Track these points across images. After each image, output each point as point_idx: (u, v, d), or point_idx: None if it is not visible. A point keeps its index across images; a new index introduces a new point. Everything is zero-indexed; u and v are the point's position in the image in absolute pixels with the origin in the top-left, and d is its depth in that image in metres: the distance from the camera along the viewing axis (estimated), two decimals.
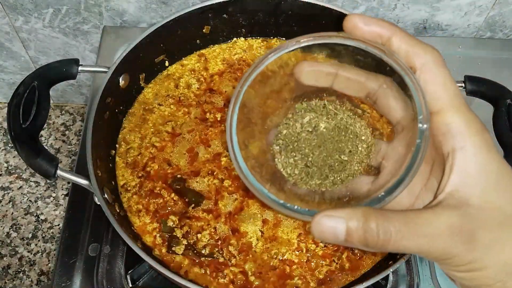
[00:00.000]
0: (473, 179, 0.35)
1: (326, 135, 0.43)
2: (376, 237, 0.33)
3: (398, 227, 0.33)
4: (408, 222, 0.33)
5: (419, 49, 0.36)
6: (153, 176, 0.69)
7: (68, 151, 1.14)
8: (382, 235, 0.33)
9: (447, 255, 0.34)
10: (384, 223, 0.33)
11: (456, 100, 0.35)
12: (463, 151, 0.35)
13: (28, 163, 0.59)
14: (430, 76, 0.36)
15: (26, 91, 0.60)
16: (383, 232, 0.33)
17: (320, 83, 0.41)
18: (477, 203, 0.34)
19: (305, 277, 0.63)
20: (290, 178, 0.43)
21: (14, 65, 1.09)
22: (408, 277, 0.70)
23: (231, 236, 0.65)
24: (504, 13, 0.91)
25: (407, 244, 0.33)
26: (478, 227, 0.34)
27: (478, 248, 0.34)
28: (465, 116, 0.35)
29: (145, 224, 0.65)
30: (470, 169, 0.35)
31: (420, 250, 0.34)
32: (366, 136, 0.43)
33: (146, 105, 0.75)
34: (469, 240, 0.34)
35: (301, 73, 0.40)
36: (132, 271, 0.69)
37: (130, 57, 0.69)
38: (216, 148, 0.71)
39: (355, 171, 0.42)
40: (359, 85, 0.40)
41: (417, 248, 0.34)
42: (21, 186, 1.09)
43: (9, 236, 1.03)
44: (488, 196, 0.34)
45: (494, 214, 0.34)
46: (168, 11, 0.91)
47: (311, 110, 0.44)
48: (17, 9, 0.92)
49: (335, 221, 0.33)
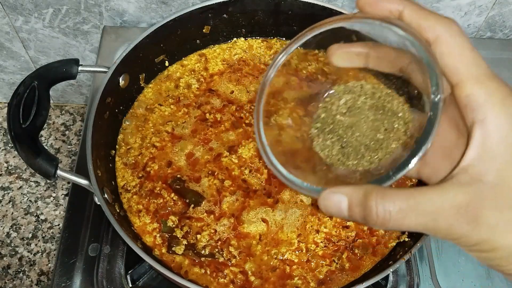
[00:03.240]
0: (491, 154, 0.33)
1: (361, 115, 0.43)
2: (375, 216, 0.33)
3: (398, 206, 0.33)
4: (410, 201, 0.33)
5: (431, 21, 0.34)
6: (153, 176, 0.69)
7: (68, 151, 1.14)
8: (381, 214, 0.33)
9: (453, 235, 0.33)
10: (383, 202, 0.33)
11: (475, 70, 0.33)
12: (483, 124, 0.33)
13: (28, 163, 0.59)
14: (445, 48, 0.34)
15: (26, 91, 0.60)
16: (381, 211, 0.33)
17: (353, 63, 0.41)
18: (492, 180, 0.33)
19: (305, 277, 0.63)
20: (328, 159, 0.43)
21: (14, 65, 1.09)
22: (408, 277, 0.70)
23: (231, 236, 0.65)
24: (504, 13, 0.91)
25: (409, 223, 0.33)
26: (486, 207, 0.32)
27: (483, 229, 0.32)
28: (485, 86, 0.33)
29: (145, 224, 0.65)
30: (489, 143, 0.33)
31: (425, 229, 0.33)
32: (403, 112, 0.42)
33: (147, 105, 0.75)
34: (474, 220, 0.32)
35: (332, 55, 0.40)
36: (132, 271, 0.69)
37: (130, 57, 0.69)
38: (216, 149, 0.71)
39: (392, 149, 0.41)
40: (391, 62, 0.40)
41: (421, 226, 0.33)
42: (21, 186, 1.09)
43: (9, 236, 1.03)
44: (505, 172, 0.32)
45: (508, 192, 0.32)
46: (168, 11, 0.91)
47: (349, 91, 0.44)
48: (17, 9, 0.92)
49: (339, 197, 0.35)
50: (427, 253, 0.74)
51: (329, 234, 0.65)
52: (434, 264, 0.73)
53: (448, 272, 0.73)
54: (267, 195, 0.67)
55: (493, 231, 0.33)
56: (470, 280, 0.73)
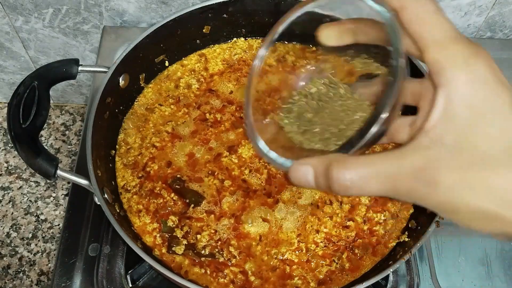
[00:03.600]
0: (451, 116, 0.33)
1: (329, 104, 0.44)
2: (337, 185, 0.34)
3: (359, 174, 0.34)
4: (370, 167, 0.34)
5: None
6: (153, 176, 0.69)
7: (68, 151, 1.14)
8: (342, 182, 0.34)
9: (413, 198, 0.34)
10: (344, 170, 0.34)
11: (438, 34, 0.34)
12: (445, 87, 0.33)
13: (28, 163, 0.59)
14: (411, 15, 0.34)
15: (26, 91, 0.60)
16: (342, 179, 0.34)
17: (342, 40, 0.41)
18: (450, 142, 0.32)
19: (305, 277, 0.63)
20: (297, 142, 0.45)
21: (14, 65, 1.09)
22: (408, 277, 0.70)
23: (231, 236, 0.65)
24: (504, 13, 0.91)
25: (370, 189, 0.34)
26: (443, 169, 0.32)
27: (441, 191, 0.32)
28: (448, 49, 0.33)
29: (145, 224, 0.65)
30: (450, 105, 0.33)
31: (386, 193, 0.34)
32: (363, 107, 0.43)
33: (147, 105, 0.75)
34: (431, 183, 0.32)
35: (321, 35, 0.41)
36: (132, 271, 0.69)
37: (130, 57, 0.69)
38: (216, 149, 0.71)
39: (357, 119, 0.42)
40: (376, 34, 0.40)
41: (382, 192, 0.34)
42: (21, 186, 1.09)
43: (9, 236, 1.03)
44: (464, 134, 0.32)
45: (466, 154, 0.32)
46: (168, 11, 0.91)
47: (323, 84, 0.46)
48: (17, 9, 0.92)
49: (306, 168, 0.36)
50: (427, 253, 0.74)
51: (329, 234, 0.65)
52: (434, 264, 0.73)
53: (448, 272, 0.73)
54: (267, 195, 0.67)
55: (451, 192, 0.32)
56: (470, 280, 0.73)
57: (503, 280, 0.73)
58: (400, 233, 0.67)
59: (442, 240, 0.76)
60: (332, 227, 0.66)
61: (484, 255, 0.75)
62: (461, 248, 0.76)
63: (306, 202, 0.67)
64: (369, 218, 0.67)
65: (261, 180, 0.68)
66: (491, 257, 0.75)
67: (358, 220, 0.66)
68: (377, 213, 0.67)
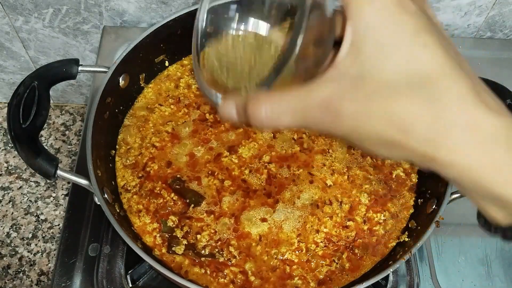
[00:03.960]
0: (358, 48, 0.33)
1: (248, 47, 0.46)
2: (253, 119, 0.36)
3: (272, 108, 0.35)
4: (282, 102, 0.35)
5: None
6: (153, 176, 0.69)
7: (68, 151, 1.14)
8: (257, 116, 0.36)
9: (323, 130, 0.35)
10: (259, 105, 0.36)
11: None
12: (352, 20, 0.33)
13: (28, 163, 0.59)
14: None
15: (26, 91, 0.60)
16: (257, 114, 0.36)
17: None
18: (355, 73, 0.33)
19: (305, 277, 0.63)
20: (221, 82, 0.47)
21: (14, 65, 1.09)
22: (408, 277, 0.70)
23: (231, 236, 0.65)
24: (504, 13, 0.91)
25: (283, 122, 0.36)
26: (346, 99, 0.33)
27: (345, 121, 0.33)
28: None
29: (145, 224, 0.65)
30: (357, 37, 0.33)
31: (299, 126, 0.36)
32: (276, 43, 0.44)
33: (147, 105, 0.75)
34: (336, 114, 0.34)
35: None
36: (132, 271, 0.69)
37: (130, 57, 0.69)
38: (216, 149, 0.71)
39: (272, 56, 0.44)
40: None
41: (295, 124, 0.36)
42: (21, 186, 1.09)
43: (9, 236, 1.03)
44: (369, 64, 0.33)
45: (369, 84, 0.33)
46: (168, 11, 0.91)
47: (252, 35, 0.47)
48: (17, 9, 0.92)
49: (230, 104, 0.39)
50: (427, 253, 0.74)
51: (329, 234, 0.65)
52: (434, 264, 0.73)
53: (448, 272, 0.73)
54: (267, 195, 0.67)
55: (354, 122, 0.33)
56: (470, 280, 0.73)
57: (503, 280, 0.73)
58: (400, 233, 0.67)
59: (442, 240, 0.76)
60: (332, 227, 0.66)
61: (484, 255, 0.75)
62: (461, 248, 0.76)
63: (306, 202, 0.67)
64: (369, 218, 0.67)
65: (261, 180, 0.68)
66: (491, 257, 0.75)
67: (358, 220, 0.66)
68: (377, 213, 0.67)
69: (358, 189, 0.69)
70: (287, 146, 0.71)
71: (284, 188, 0.68)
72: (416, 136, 0.32)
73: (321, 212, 0.66)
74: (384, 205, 0.68)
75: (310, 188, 0.68)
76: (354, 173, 0.70)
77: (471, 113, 0.32)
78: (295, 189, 0.68)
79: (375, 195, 0.68)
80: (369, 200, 0.68)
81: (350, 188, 0.69)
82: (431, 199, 0.65)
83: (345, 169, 0.70)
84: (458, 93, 0.32)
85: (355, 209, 0.67)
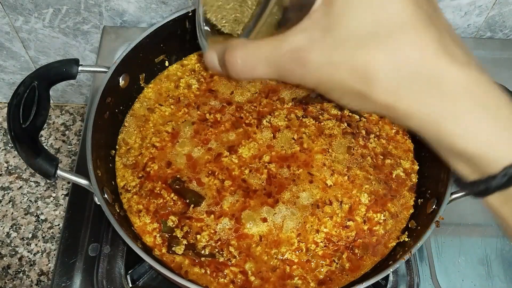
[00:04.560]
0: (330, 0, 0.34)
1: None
2: (230, 67, 0.37)
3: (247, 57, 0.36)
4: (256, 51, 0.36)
5: None
6: (153, 176, 0.69)
7: (68, 151, 1.14)
8: (233, 64, 0.37)
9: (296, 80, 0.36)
10: (234, 54, 0.37)
11: None
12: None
13: (28, 163, 0.59)
14: None
15: (26, 91, 0.60)
16: (233, 62, 0.37)
17: None
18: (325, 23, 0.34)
19: (305, 277, 0.63)
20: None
21: (14, 65, 1.09)
22: (408, 277, 0.70)
23: (231, 236, 0.65)
24: (504, 13, 0.91)
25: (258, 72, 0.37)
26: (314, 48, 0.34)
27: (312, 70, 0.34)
28: None
29: (145, 224, 0.65)
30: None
31: (273, 76, 0.37)
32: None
33: (147, 105, 0.75)
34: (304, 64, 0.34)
35: None
36: (132, 271, 0.69)
37: (130, 57, 0.69)
38: (216, 149, 0.71)
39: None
40: None
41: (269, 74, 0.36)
42: (21, 186, 1.09)
43: (9, 236, 1.03)
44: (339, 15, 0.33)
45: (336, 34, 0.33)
46: (168, 11, 0.91)
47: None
48: (17, 9, 0.92)
49: (212, 54, 0.40)
50: (427, 253, 0.74)
51: (329, 234, 0.65)
52: (434, 264, 0.73)
53: (448, 272, 0.73)
54: (267, 195, 0.67)
55: (321, 71, 0.34)
56: (470, 280, 0.73)
57: (503, 280, 0.73)
58: (400, 233, 0.67)
59: (442, 240, 0.76)
60: (332, 227, 0.66)
61: (484, 255, 0.75)
62: (461, 248, 0.76)
63: (306, 202, 0.67)
64: (369, 218, 0.67)
65: (261, 180, 0.68)
66: (491, 257, 0.75)
67: (358, 220, 0.66)
68: (377, 213, 0.67)
69: (358, 189, 0.69)
70: (287, 146, 0.71)
71: (284, 188, 0.68)
72: (378, 86, 0.33)
73: (321, 212, 0.66)
74: (384, 205, 0.68)
75: (310, 188, 0.68)
76: (354, 173, 0.70)
77: (433, 64, 0.32)
78: (295, 189, 0.68)
79: (375, 195, 0.68)
80: (369, 200, 0.68)
81: (350, 188, 0.69)
82: (431, 199, 0.65)
83: (345, 169, 0.70)
84: (421, 44, 0.32)
85: (355, 209, 0.67)
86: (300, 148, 0.71)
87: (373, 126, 0.75)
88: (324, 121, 0.74)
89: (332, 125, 0.73)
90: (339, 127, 0.73)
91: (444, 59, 0.32)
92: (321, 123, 0.73)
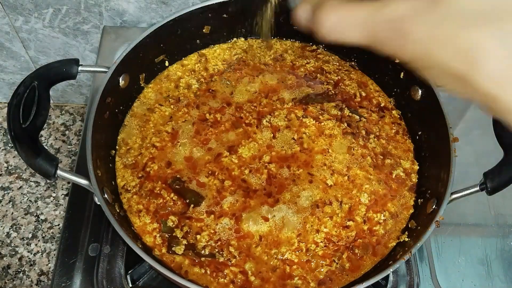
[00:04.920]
0: None
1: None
2: (320, 26, 0.36)
3: (341, 17, 0.35)
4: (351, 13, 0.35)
5: None
6: (153, 176, 0.69)
7: (68, 151, 1.14)
8: (325, 23, 0.36)
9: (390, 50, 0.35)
10: (328, 12, 0.36)
11: None
12: None
13: (28, 163, 0.59)
14: None
15: (26, 91, 0.60)
16: (325, 21, 0.36)
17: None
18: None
19: (305, 277, 0.63)
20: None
21: (14, 65, 1.09)
22: (408, 277, 0.70)
23: (231, 236, 0.65)
24: None
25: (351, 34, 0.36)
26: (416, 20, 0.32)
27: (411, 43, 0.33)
28: None
29: (145, 224, 0.65)
30: None
31: (366, 41, 0.35)
32: None
33: (147, 105, 0.75)
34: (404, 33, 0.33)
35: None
36: (132, 271, 0.69)
37: (130, 57, 0.69)
38: (216, 149, 0.71)
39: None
40: None
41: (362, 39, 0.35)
42: (21, 186, 1.09)
43: (9, 236, 1.03)
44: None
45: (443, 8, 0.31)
46: (168, 11, 0.91)
47: None
48: (17, 9, 0.92)
49: (304, 8, 0.39)
50: (427, 253, 0.74)
51: (329, 234, 0.65)
52: (434, 264, 0.73)
53: (448, 272, 0.73)
54: (267, 195, 0.67)
55: (421, 45, 0.32)
56: (470, 280, 0.73)
57: (503, 280, 0.73)
58: (400, 233, 0.67)
59: (442, 240, 0.76)
60: (332, 227, 0.66)
61: (484, 255, 0.75)
62: (461, 248, 0.76)
63: (306, 202, 0.67)
64: (369, 218, 0.67)
65: (261, 180, 0.68)
66: (491, 257, 0.75)
67: (358, 220, 0.66)
68: (377, 213, 0.67)
69: (358, 189, 0.69)
70: (287, 146, 0.71)
71: (284, 188, 0.68)
72: (484, 72, 0.30)
73: (321, 212, 0.66)
74: (384, 205, 0.68)
75: (310, 188, 0.68)
76: (354, 173, 0.70)
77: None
78: (295, 189, 0.68)
79: (375, 195, 0.68)
80: (369, 200, 0.68)
81: (350, 188, 0.69)
82: (431, 199, 0.65)
83: (345, 169, 0.70)
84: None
85: (355, 209, 0.67)
86: (300, 148, 0.71)
87: (373, 126, 0.75)
88: (324, 121, 0.74)
89: (332, 125, 0.73)
90: (339, 127, 0.73)
91: None
92: (321, 123, 0.73)
